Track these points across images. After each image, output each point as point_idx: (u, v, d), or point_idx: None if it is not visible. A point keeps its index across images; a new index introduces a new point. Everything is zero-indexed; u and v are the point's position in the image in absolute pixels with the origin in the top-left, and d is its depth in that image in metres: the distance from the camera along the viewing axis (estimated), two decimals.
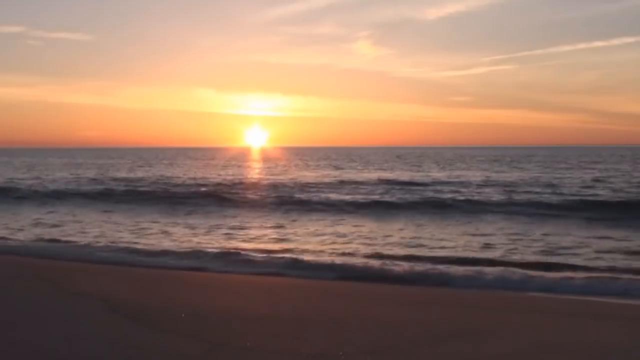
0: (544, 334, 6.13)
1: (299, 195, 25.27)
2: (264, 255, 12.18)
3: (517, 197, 23.97)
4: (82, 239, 14.57)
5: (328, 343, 5.59)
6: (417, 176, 38.77)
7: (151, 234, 15.83)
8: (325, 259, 11.85)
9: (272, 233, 15.79)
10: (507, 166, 53.75)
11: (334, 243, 13.99)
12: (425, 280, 10.00)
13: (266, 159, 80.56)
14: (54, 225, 17.47)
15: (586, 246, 13.17)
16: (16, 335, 5.76)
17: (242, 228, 16.85)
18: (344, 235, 15.17)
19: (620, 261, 11.52)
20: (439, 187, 29.25)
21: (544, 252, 12.47)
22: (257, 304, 7.51)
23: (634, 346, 5.91)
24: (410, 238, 14.59)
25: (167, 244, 13.95)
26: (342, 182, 33.06)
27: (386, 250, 12.80)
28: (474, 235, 15.06)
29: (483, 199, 23.15)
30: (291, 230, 16.20)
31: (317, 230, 16.28)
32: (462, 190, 27.58)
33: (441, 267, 10.81)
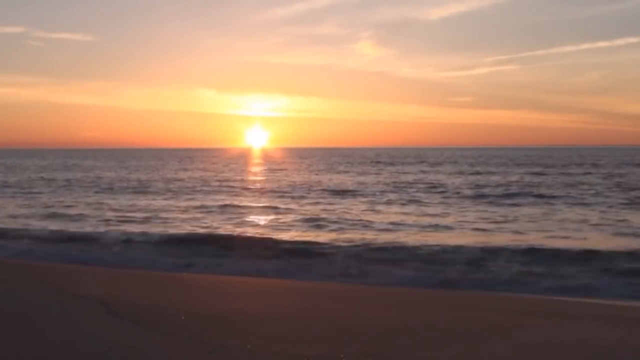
0: (545, 335, 6.11)
1: None
2: None
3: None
4: None
5: (329, 345, 5.57)
6: None
7: None
8: None
9: None
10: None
11: None
12: None
13: (267, 163, 74.65)
14: None
15: None
16: (16, 337, 5.74)
17: None
18: None
19: None
20: None
21: None
22: (258, 305, 7.49)
23: (635, 347, 5.89)
24: None
25: None
26: None
27: None
28: None
29: None
30: None
31: None
32: None
33: None
